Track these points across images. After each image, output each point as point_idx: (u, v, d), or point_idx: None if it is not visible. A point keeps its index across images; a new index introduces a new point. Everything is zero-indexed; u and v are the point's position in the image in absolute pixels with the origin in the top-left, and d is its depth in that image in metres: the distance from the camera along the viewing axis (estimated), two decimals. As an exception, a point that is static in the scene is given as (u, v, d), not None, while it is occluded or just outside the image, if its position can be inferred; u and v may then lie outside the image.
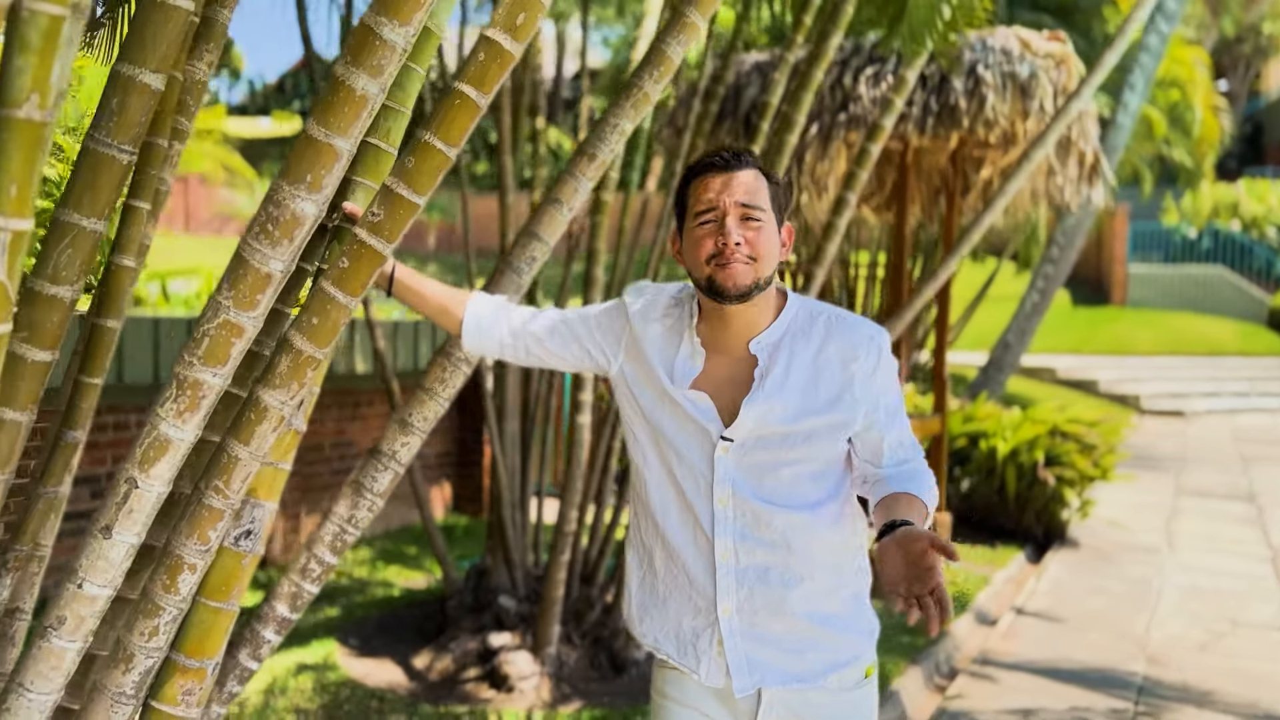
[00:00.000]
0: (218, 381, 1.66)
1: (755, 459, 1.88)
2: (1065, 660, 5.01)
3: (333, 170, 1.62)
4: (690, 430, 1.90)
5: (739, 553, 1.88)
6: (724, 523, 1.88)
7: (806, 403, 1.86)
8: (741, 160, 1.87)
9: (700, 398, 1.89)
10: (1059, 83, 5.26)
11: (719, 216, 1.83)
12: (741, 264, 1.80)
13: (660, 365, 1.93)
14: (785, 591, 1.87)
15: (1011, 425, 7.80)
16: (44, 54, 1.28)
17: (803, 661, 1.90)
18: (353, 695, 3.92)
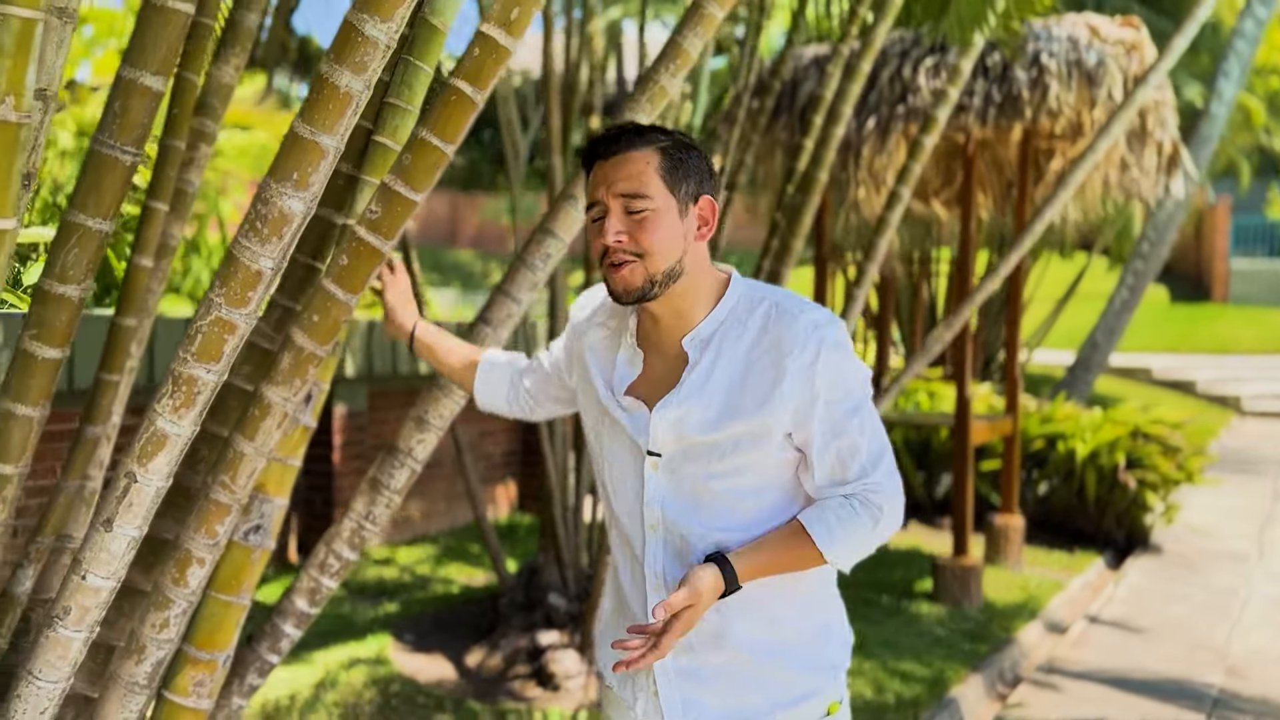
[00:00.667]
0: (212, 378, 1.68)
1: (685, 473, 1.68)
2: (1137, 670, 4.82)
3: (319, 168, 1.63)
4: (623, 447, 1.73)
5: (668, 580, 1.69)
6: (654, 547, 1.69)
7: (731, 404, 1.64)
8: (622, 141, 1.64)
9: (634, 404, 1.72)
10: (1130, 70, 5.06)
11: (603, 210, 1.64)
12: (628, 263, 1.61)
13: (600, 374, 1.78)
14: (724, 623, 1.66)
15: (1091, 426, 7.55)
16: (18, 57, 1.31)
17: (744, 699, 1.69)
18: (402, 691, 3.97)
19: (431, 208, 30.13)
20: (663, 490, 1.69)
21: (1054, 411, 7.84)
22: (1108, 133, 4.18)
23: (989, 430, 6.17)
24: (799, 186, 4.24)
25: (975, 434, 5.89)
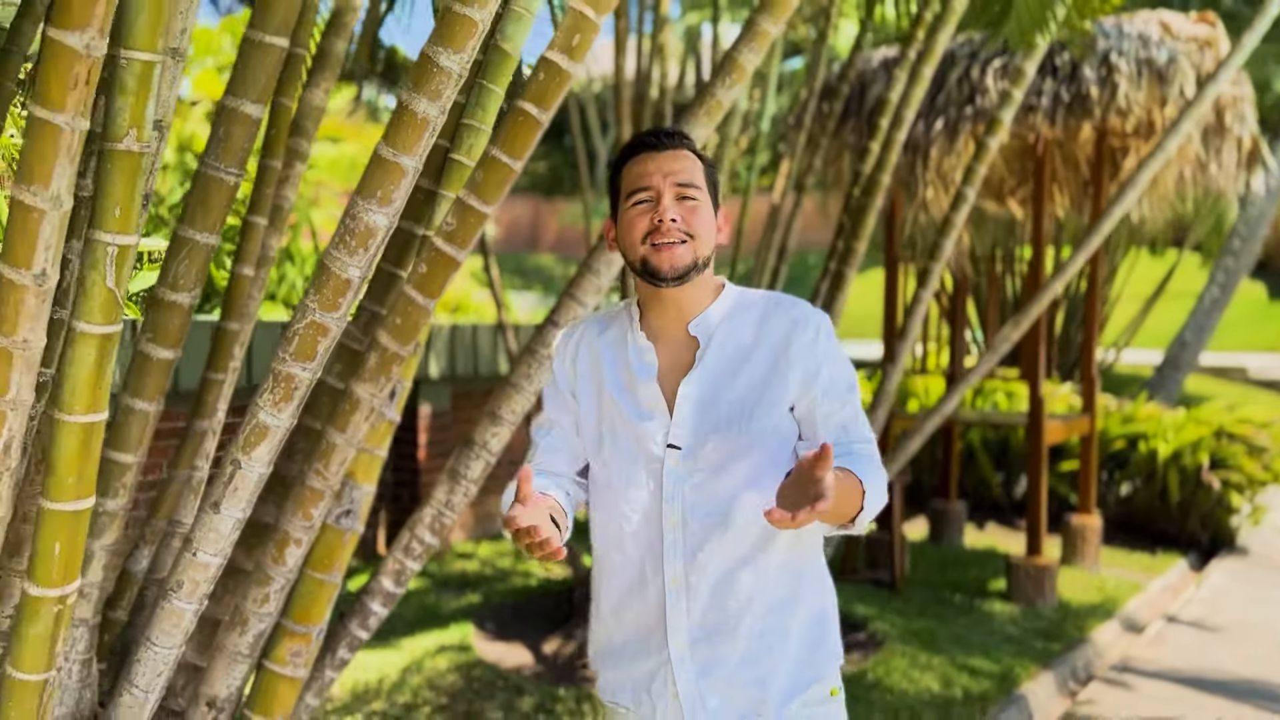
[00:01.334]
0: (307, 375, 1.88)
1: (702, 462, 1.74)
2: (1213, 670, 4.79)
3: (400, 185, 1.81)
4: (633, 457, 1.78)
5: (689, 575, 1.75)
6: (673, 545, 1.75)
7: (747, 376, 1.75)
8: (675, 139, 1.78)
9: (654, 400, 1.77)
10: (1203, 67, 5.03)
11: (654, 195, 1.73)
12: (679, 242, 1.70)
13: (613, 380, 1.81)
14: (739, 613, 1.74)
15: (1174, 426, 7.43)
16: (139, 94, 1.51)
17: (757, 690, 1.75)
18: (483, 675, 4.17)
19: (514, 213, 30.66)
20: (683, 485, 1.75)
21: (1135, 411, 7.74)
22: (1176, 131, 4.18)
23: (1064, 430, 6.14)
24: (863, 189, 4.34)
25: (1051, 433, 5.88)
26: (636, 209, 1.74)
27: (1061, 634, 5.11)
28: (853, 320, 17.29)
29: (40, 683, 1.68)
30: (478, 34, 1.76)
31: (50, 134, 1.39)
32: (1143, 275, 16.38)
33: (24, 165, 1.40)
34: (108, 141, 1.52)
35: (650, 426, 1.77)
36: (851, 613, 5.17)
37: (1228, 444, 7.17)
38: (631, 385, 1.80)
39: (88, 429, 1.59)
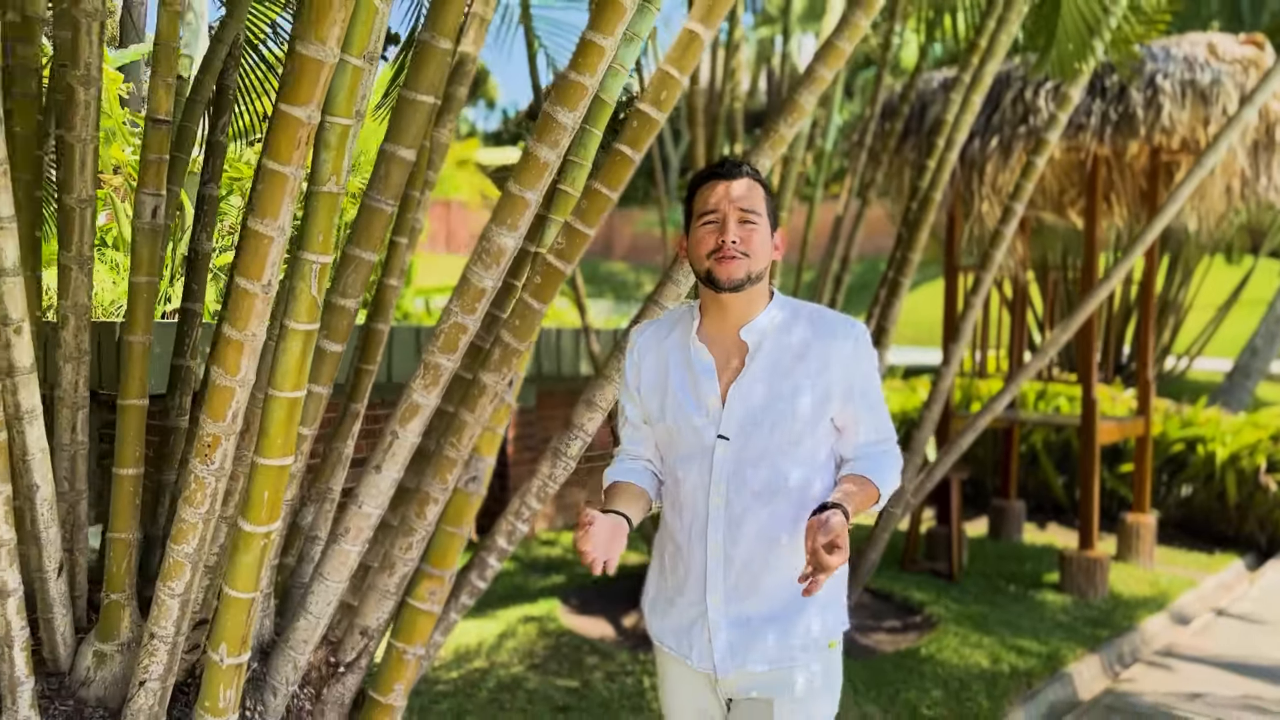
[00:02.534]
0: (450, 365, 2.36)
1: (748, 453, 2.03)
2: (1254, 658, 5.06)
3: (524, 215, 2.28)
4: (693, 441, 2.07)
5: (727, 545, 2.04)
6: (717, 519, 2.04)
7: (791, 381, 2.02)
8: (741, 170, 2.06)
9: (712, 397, 2.06)
10: (1247, 87, 5.30)
11: (720, 218, 2.02)
12: (737, 259, 1.99)
13: (678, 377, 2.10)
14: (767, 573, 2.04)
15: (1232, 430, 7.63)
16: (338, 149, 2.01)
17: (780, 644, 2.05)
18: (569, 642, 4.64)
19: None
20: (728, 470, 2.04)
21: (1195, 415, 7.94)
22: (1215, 149, 4.48)
23: (1119, 431, 6.42)
24: (920, 204, 4.72)
25: (1104, 434, 6.17)
26: (705, 228, 2.04)
27: (1110, 623, 5.40)
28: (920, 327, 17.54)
29: (249, 600, 2.17)
30: (588, 95, 2.22)
31: (279, 181, 1.88)
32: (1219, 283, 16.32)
33: (258, 203, 1.90)
34: (314, 185, 2.01)
35: (705, 418, 2.07)
36: (909, 598, 5.54)
37: (1286, 447, 7.35)
38: (693, 382, 2.09)
39: (293, 403, 2.08)
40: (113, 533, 2.45)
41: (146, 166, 2.39)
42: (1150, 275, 6.49)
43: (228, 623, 2.17)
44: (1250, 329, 14.25)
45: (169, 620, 2.18)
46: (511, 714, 3.82)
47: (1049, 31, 3.98)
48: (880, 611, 5.40)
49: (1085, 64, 4.06)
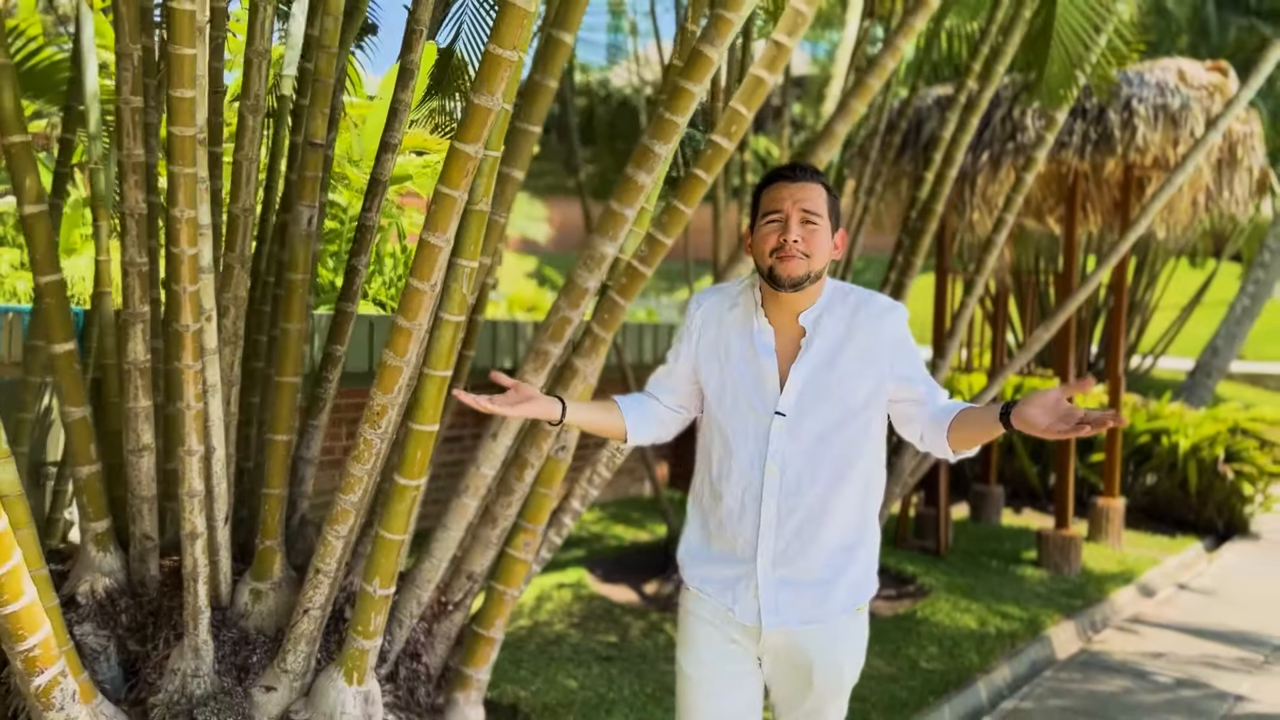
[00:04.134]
0: (556, 351, 2.84)
1: (803, 430, 2.17)
2: (1212, 625, 5.63)
3: (623, 228, 2.76)
4: (749, 413, 2.21)
5: (780, 513, 2.18)
6: (771, 490, 2.18)
7: (843, 361, 2.17)
8: (806, 173, 2.18)
9: (770, 372, 2.20)
10: (1213, 111, 5.87)
11: (783, 218, 2.13)
12: (798, 258, 2.11)
13: (739, 352, 2.24)
14: (815, 539, 2.19)
15: (1194, 423, 8.23)
16: (489, 176, 2.48)
17: (820, 605, 2.21)
18: (600, 605, 5.13)
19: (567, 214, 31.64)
20: (785, 447, 2.16)
21: (1160, 409, 8.54)
22: (1183, 169, 5.03)
23: (1091, 421, 6.97)
24: (919, 214, 5.24)
25: (1077, 424, 6.72)
26: (769, 226, 2.16)
27: (1083, 594, 5.97)
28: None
29: (399, 541, 2.65)
30: (679, 131, 2.71)
31: (449, 202, 2.35)
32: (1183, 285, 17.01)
33: (432, 220, 2.36)
34: (469, 205, 2.48)
35: (764, 394, 2.21)
36: (903, 570, 6.08)
37: (1242, 439, 7.95)
38: (753, 358, 2.22)
39: (442, 380, 2.56)
40: (267, 489, 2.91)
41: (304, 182, 2.85)
42: (1120, 278, 7.07)
43: (381, 561, 2.64)
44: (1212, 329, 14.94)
45: (333, 557, 2.65)
46: (561, 663, 4.30)
47: (1039, 64, 4.50)
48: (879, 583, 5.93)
49: (1069, 96, 4.58)
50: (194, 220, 2.38)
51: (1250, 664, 4.98)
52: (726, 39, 2.67)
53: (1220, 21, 12.38)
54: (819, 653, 2.25)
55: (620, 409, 2.36)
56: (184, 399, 2.53)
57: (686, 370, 2.35)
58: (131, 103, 2.63)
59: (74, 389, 2.81)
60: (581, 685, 4.06)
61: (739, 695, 2.30)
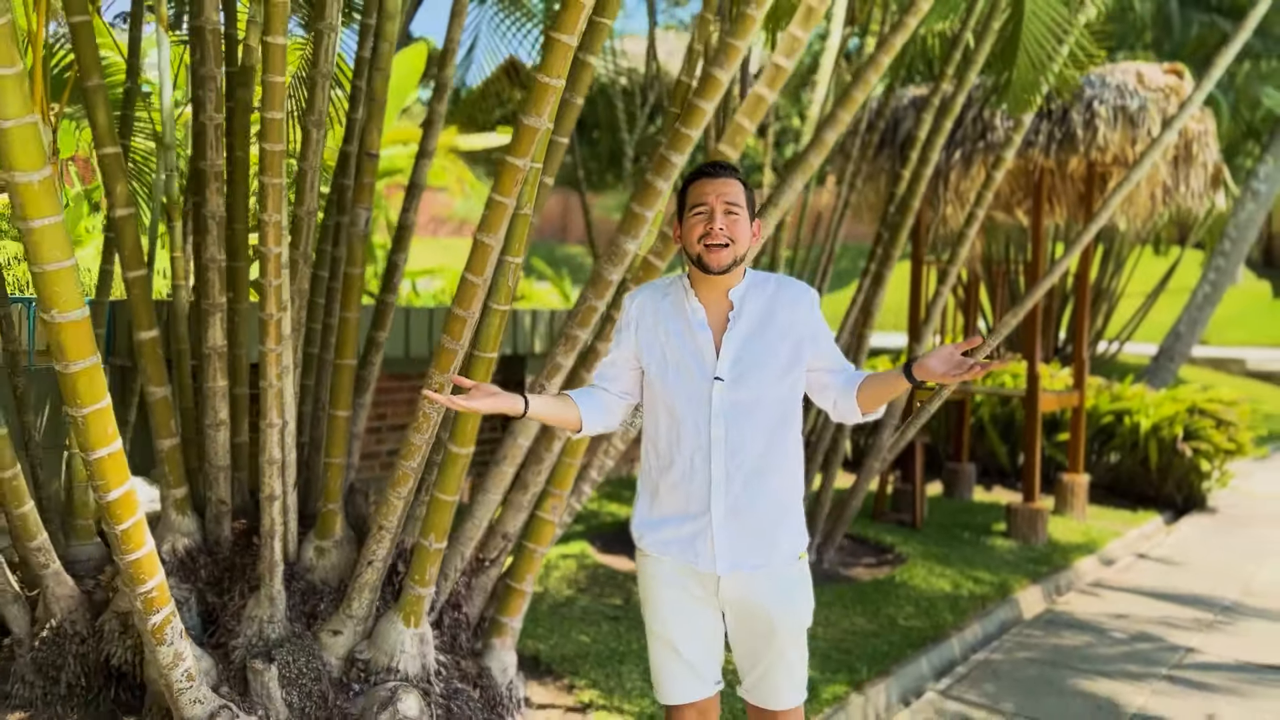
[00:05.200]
0: (584, 335, 3.23)
1: (740, 392, 2.40)
2: (1169, 590, 6.10)
3: (644, 228, 3.16)
4: (691, 382, 2.43)
5: (729, 469, 2.41)
6: (718, 447, 2.41)
7: (769, 331, 2.43)
8: (726, 170, 2.43)
9: (706, 344, 2.43)
10: (1168, 112, 6.32)
11: (708, 210, 2.38)
12: (723, 245, 2.37)
13: (676, 332, 2.46)
14: (758, 491, 2.43)
15: (1154, 404, 8.72)
16: (532, 185, 2.86)
17: (768, 549, 2.45)
18: (604, 573, 5.53)
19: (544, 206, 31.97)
20: (725, 407, 2.40)
21: (1122, 390, 9.03)
22: (1140, 166, 5.45)
23: (1057, 401, 7.45)
24: (897, 208, 5.66)
25: (1045, 403, 7.20)
26: (696, 218, 2.41)
27: (1049, 561, 6.42)
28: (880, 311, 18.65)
29: (452, 502, 3.04)
30: (693, 143, 3.10)
31: (501, 209, 2.73)
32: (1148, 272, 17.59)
33: (486, 223, 2.74)
34: (519, 210, 2.87)
35: (703, 364, 2.43)
36: (881, 540, 6.52)
37: (1200, 419, 8.45)
38: (690, 334, 2.45)
39: (490, 360, 2.94)
40: (329, 458, 3.29)
41: (362, 189, 3.23)
42: (1085, 267, 7.52)
43: (436, 518, 3.04)
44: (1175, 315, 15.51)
45: (394, 515, 3.04)
46: (573, 621, 4.70)
47: (1007, 70, 4.92)
48: (858, 551, 6.37)
49: (1035, 99, 5.01)
50: (280, 223, 2.76)
51: (1201, 622, 5.45)
52: (734, 63, 3.06)
53: (1183, 18, 12.88)
54: (775, 599, 2.47)
55: (574, 402, 2.53)
56: (266, 378, 2.90)
57: (629, 357, 2.55)
58: (215, 119, 2.99)
59: (157, 371, 3.18)
60: (594, 640, 4.46)
61: (707, 643, 2.54)
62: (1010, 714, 4.14)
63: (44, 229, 2.13)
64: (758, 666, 2.53)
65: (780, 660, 2.51)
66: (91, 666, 3.25)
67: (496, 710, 3.31)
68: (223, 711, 2.82)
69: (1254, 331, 20.65)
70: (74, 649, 3.24)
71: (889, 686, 4.30)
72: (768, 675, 2.53)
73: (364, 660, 3.08)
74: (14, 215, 2.15)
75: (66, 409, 2.32)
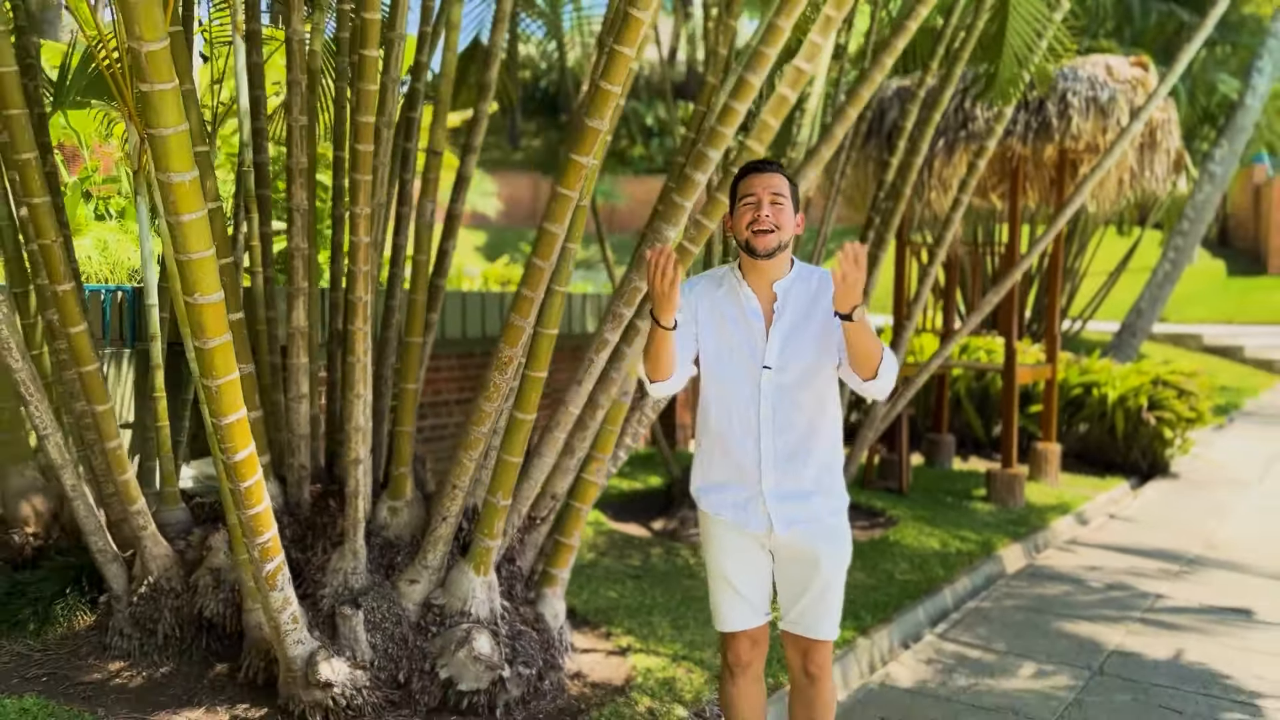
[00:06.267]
0: (628, 313, 3.59)
1: (785, 379, 2.69)
2: (1136, 545, 6.59)
3: (683, 218, 3.52)
4: (742, 367, 2.71)
5: (776, 446, 2.72)
6: (767, 427, 2.71)
7: (810, 320, 2.70)
8: (773, 167, 2.71)
9: (759, 333, 2.70)
10: (1135, 102, 6.77)
11: (757, 201, 2.65)
12: (769, 231, 2.64)
13: (732, 319, 2.73)
14: (803, 461, 2.73)
15: (1121, 376, 9.23)
16: (591, 179, 3.22)
17: (811, 511, 2.75)
18: (620, 538, 5.92)
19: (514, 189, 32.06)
20: (773, 393, 2.70)
21: (1091, 364, 9.53)
22: (1110, 154, 5.90)
23: (1031, 374, 7.92)
24: (888, 195, 6.06)
25: (1020, 376, 7.66)
26: (746, 207, 2.68)
27: (1027, 522, 6.89)
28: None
29: (516, 463, 3.39)
30: (728, 140, 3.47)
31: (566, 200, 3.08)
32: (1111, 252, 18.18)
33: (551, 213, 3.09)
34: (580, 201, 3.22)
35: (754, 350, 2.71)
36: (873, 505, 6.96)
37: (1163, 389, 8.96)
38: (744, 320, 2.73)
39: (550, 337, 3.30)
40: (399, 427, 3.64)
41: (428, 183, 3.57)
42: (1057, 248, 7.98)
43: (502, 478, 3.40)
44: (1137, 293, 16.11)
45: (466, 475, 3.40)
46: (599, 580, 5.08)
47: (992, 64, 5.33)
48: (853, 515, 6.71)
49: (1018, 90, 5.42)
50: (369, 215, 3.10)
51: (1168, 573, 5.94)
52: (765, 69, 3.43)
53: (1143, 7, 13.39)
54: (819, 544, 2.79)
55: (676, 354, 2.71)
56: (354, 354, 3.25)
57: (688, 338, 2.77)
58: (300, 121, 3.32)
59: (243, 349, 3.50)
60: (621, 595, 4.85)
61: (759, 579, 2.88)
62: (1002, 652, 4.58)
63: (191, 223, 2.46)
64: (800, 601, 2.85)
65: (821, 598, 2.83)
66: (185, 619, 3.59)
67: (550, 651, 3.68)
68: (320, 651, 3.18)
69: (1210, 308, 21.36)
70: (169, 603, 3.57)
71: (891, 632, 4.72)
72: (809, 610, 2.85)
73: (439, 605, 3.44)
74: (165, 210, 2.48)
75: (202, 380, 2.65)
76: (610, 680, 3.83)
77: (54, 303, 3.32)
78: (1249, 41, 13.66)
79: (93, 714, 3.17)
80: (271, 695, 3.33)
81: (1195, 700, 4.06)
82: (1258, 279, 23.45)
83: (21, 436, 4.07)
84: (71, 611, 3.76)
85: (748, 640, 2.93)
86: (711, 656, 4.11)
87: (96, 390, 3.34)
